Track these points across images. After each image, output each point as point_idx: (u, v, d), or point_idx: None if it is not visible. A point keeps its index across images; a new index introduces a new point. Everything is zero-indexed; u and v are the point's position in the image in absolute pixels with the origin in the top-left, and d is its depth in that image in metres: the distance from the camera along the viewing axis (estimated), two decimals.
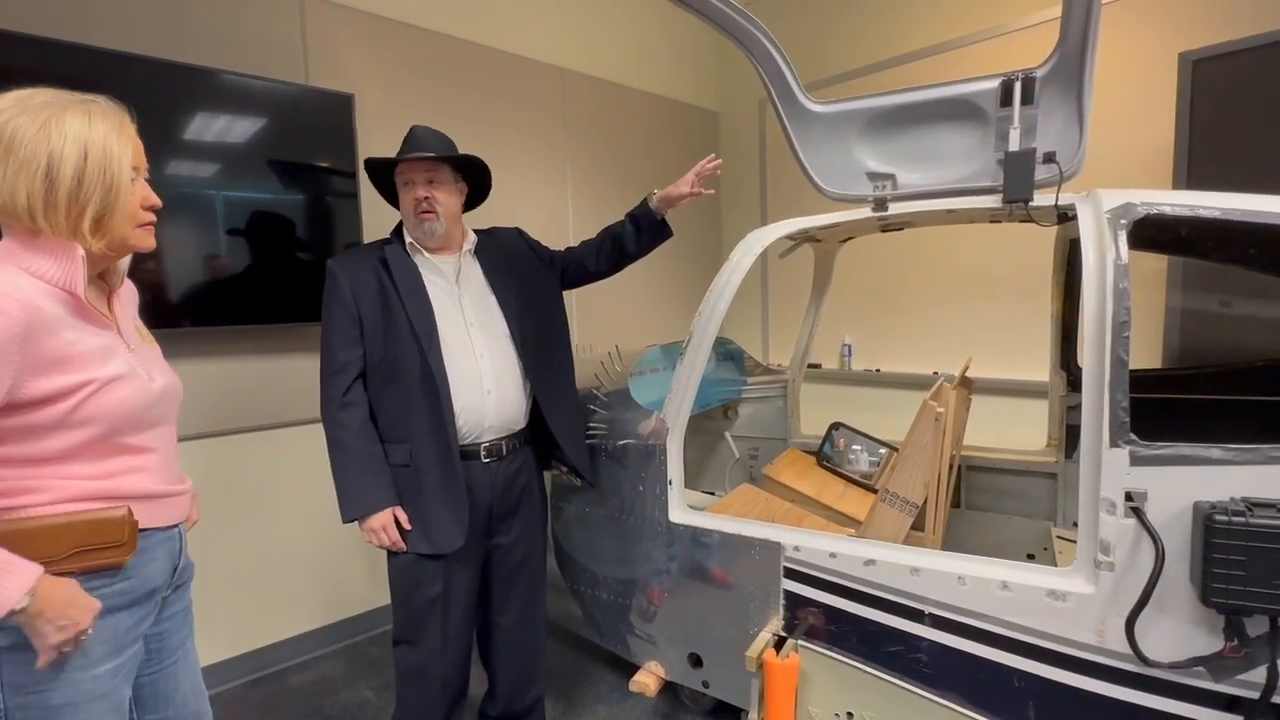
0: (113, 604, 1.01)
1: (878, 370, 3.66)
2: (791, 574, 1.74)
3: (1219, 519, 1.20)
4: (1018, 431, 2.73)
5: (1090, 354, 1.40)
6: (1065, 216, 1.75)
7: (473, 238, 1.78)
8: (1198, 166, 2.58)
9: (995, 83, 1.72)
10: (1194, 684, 1.31)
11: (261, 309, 2.34)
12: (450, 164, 1.69)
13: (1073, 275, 2.26)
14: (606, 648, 2.19)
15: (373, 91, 2.64)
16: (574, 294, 2.52)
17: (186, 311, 2.17)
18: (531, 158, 3.28)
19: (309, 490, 2.54)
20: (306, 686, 2.42)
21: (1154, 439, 1.32)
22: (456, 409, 1.62)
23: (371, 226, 2.48)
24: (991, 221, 1.97)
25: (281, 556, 2.53)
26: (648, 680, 1.97)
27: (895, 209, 1.91)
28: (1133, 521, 1.32)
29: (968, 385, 2.37)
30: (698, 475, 2.99)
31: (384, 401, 1.63)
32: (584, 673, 2.40)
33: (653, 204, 1.85)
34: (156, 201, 1.08)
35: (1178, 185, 2.63)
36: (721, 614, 1.87)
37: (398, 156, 1.65)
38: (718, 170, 1.84)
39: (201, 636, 1.27)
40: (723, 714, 2.07)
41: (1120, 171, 2.69)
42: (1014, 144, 1.70)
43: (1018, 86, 1.68)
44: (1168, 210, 1.39)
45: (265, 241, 2.32)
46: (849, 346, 3.75)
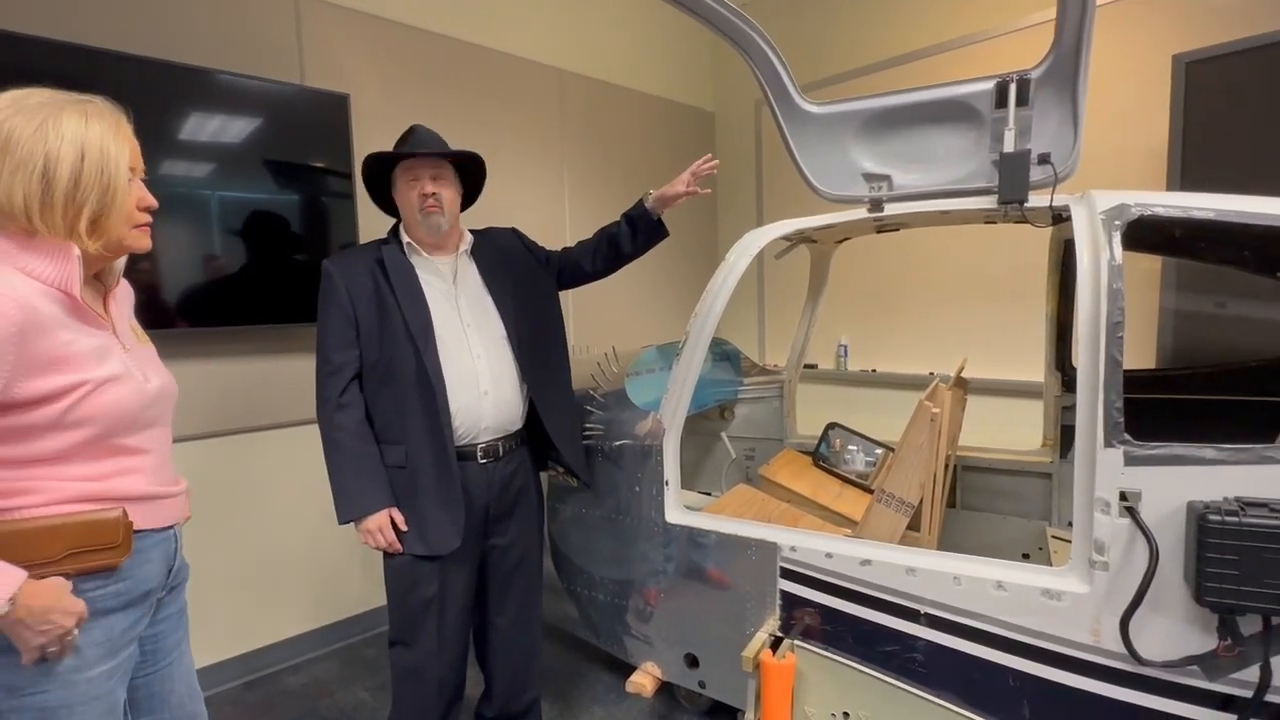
0: (107, 606, 1.00)
1: (873, 371, 3.67)
2: (788, 574, 1.75)
3: (1212, 519, 1.21)
4: (1013, 432, 2.74)
5: (1085, 354, 1.40)
6: (1060, 217, 1.76)
7: (469, 238, 1.77)
8: (1191, 168, 2.59)
9: (990, 84, 1.73)
10: (1188, 683, 1.31)
11: (257, 310, 2.33)
12: (452, 164, 1.70)
13: (1067, 276, 2.28)
14: (603, 648, 2.19)
15: (368, 92, 2.64)
16: (570, 295, 2.52)
17: (182, 312, 2.16)
18: (528, 158, 3.27)
19: (305, 491, 2.53)
20: (302, 688, 2.41)
21: (1148, 439, 1.32)
22: (453, 410, 1.62)
23: (367, 227, 2.47)
24: (986, 222, 1.98)
25: (277, 558, 2.52)
26: (644, 681, 1.97)
27: (891, 210, 1.92)
28: (1127, 521, 1.33)
29: (963, 385, 2.37)
30: (694, 476, 2.99)
31: (380, 402, 1.63)
32: (580, 674, 2.40)
33: (648, 204, 1.85)
34: (153, 202, 1.08)
35: (1171, 186, 2.64)
36: (718, 614, 1.87)
37: (408, 151, 1.65)
38: (714, 170, 1.84)
39: (197, 638, 1.26)
40: (719, 714, 2.07)
41: (1114, 173, 2.70)
42: (1009, 145, 1.70)
43: (1013, 88, 1.69)
44: (1161, 211, 1.40)
45: (261, 242, 2.32)
46: (845, 347, 3.76)
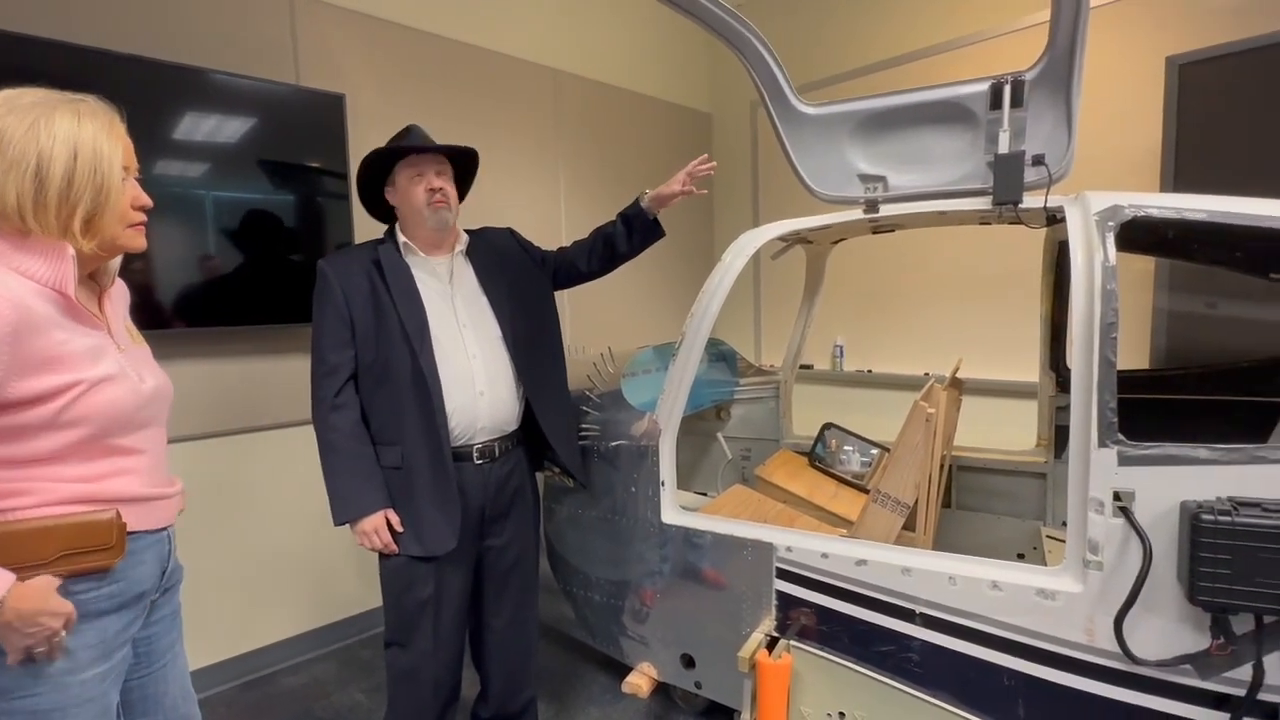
0: (100, 607, 1.00)
1: (869, 371, 3.68)
2: (784, 574, 1.75)
3: (1206, 518, 1.21)
4: (1007, 432, 2.75)
5: (1079, 355, 1.41)
6: (1054, 218, 1.76)
7: (465, 238, 1.77)
8: (1185, 169, 2.61)
9: (985, 86, 1.74)
10: (1181, 682, 1.32)
11: (252, 310, 2.33)
12: (452, 164, 1.72)
13: (1061, 277, 2.28)
14: (599, 649, 2.19)
15: (364, 92, 2.63)
16: (566, 295, 2.52)
17: (177, 312, 2.15)
18: (524, 158, 3.27)
19: (300, 492, 2.52)
20: (298, 689, 2.40)
21: (1142, 439, 1.33)
22: (449, 410, 1.61)
23: (362, 227, 2.45)
24: (981, 223, 1.99)
25: (272, 559, 2.51)
26: (640, 681, 1.98)
27: (886, 211, 1.92)
28: (1121, 521, 1.33)
29: (958, 386, 2.38)
30: (690, 476, 2.99)
31: (376, 403, 1.62)
32: (577, 674, 2.40)
33: (644, 204, 1.85)
34: (147, 201, 1.08)
35: (1165, 188, 2.66)
36: (714, 615, 1.87)
37: (414, 145, 1.65)
38: (711, 171, 1.84)
39: (191, 640, 1.26)
40: (715, 715, 2.07)
41: (1108, 174, 2.71)
42: (1003, 146, 1.71)
43: (1007, 89, 1.70)
44: (1155, 212, 1.41)
45: (256, 242, 2.31)
46: (840, 347, 3.76)
